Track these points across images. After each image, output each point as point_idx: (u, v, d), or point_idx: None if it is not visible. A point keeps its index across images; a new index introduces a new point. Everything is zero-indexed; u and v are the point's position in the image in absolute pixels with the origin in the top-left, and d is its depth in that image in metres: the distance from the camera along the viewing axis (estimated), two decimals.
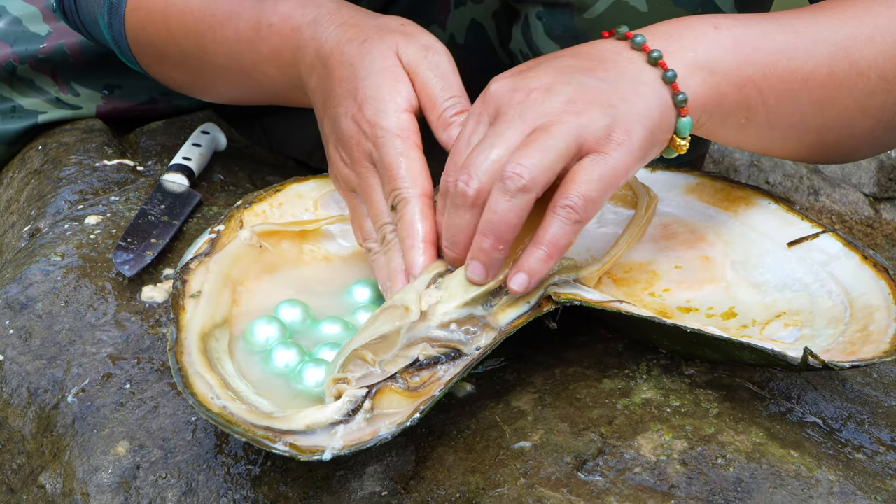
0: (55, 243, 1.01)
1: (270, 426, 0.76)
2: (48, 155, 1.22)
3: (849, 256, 0.90)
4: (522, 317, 0.83)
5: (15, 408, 0.89)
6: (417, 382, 0.79)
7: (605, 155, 0.81)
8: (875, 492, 0.77)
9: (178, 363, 0.80)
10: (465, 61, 1.33)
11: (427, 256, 0.87)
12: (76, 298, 0.95)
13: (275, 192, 1.00)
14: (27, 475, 0.88)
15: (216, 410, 0.76)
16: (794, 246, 0.93)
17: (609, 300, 0.84)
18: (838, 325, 0.86)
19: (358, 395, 0.78)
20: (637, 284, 0.93)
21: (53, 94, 1.31)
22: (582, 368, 0.87)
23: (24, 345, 0.92)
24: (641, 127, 0.83)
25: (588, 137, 0.81)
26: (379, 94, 0.93)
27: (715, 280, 0.93)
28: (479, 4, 1.26)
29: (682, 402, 0.83)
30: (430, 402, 0.78)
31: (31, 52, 1.29)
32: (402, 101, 0.93)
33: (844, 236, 0.92)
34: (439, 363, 0.81)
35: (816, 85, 0.91)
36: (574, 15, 1.09)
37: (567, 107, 0.82)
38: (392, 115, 0.93)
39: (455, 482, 0.79)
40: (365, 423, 0.77)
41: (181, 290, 0.87)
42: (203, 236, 0.93)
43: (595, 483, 0.77)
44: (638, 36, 0.87)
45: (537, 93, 0.83)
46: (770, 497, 0.76)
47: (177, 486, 0.81)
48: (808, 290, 0.90)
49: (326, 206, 1.00)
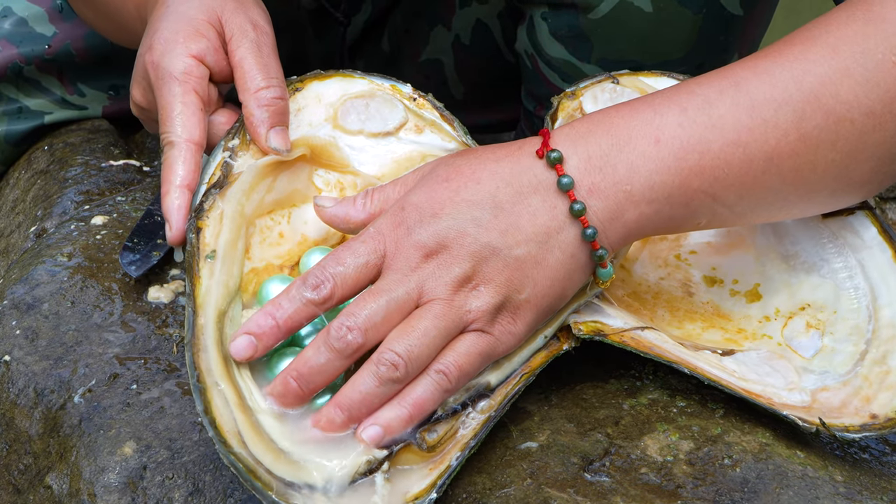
0: (61, 244, 1.01)
1: (287, 480, 0.74)
2: (54, 155, 1.23)
3: (882, 249, 0.88)
4: (539, 354, 0.82)
5: (21, 408, 0.89)
6: (434, 440, 0.77)
7: (489, 335, 0.79)
8: (881, 492, 0.77)
9: (195, 367, 0.77)
10: (471, 62, 1.33)
11: (182, 200, 0.88)
12: (82, 299, 0.95)
13: (294, 91, 0.95)
14: (34, 475, 0.88)
15: (236, 451, 0.74)
16: (828, 219, 0.90)
17: (631, 327, 0.83)
18: (859, 340, 0.85)
19: (378, 455, 0.76)
20: (663, 242, 0.91)
21: (59, 94, 1.31)
22: (588, 368, 0.87)
23: (30, 345, 0.92)
24: (532, 311, 0.80)
25: (474, 319, 0.78)
26: (174, 37, 0.93)
27: (744, 244, 0.91)
28: (485, 5, 1.26)
29: (688, 402, 0.83)
30: (446, 476, 0.76)
31: (37, 53, 1.29)
32: (195, 48, 0.92)
33: (880, 219, 0.89)
34: (457, 412, 0.79)
35: (786, 157, 0.82)
36: (579, 15, 1.09)
37: (461, 287, 0.78)
38: (178, 59, 0.92)
39: (461, 482, 0.79)
40: (385, 482, 0.75)
41: (196, 246, 0.83)
42: (216, 155, 0.90)
43: (601, 483, 0.77)
44: (565, 177, 0.79)
45: (434, 260, 0.78)
46: (777, 497, 0.75)
47: (184, 486, 0.81)
48: (835, 279, 0.88)
49: (346, 115, 0.96)
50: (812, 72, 0.82)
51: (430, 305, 0.77)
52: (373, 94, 0.97)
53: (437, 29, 1.31)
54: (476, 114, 1.41)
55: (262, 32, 0.95)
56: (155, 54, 0.92)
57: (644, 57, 1.09)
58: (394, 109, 0.96)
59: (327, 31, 1.38)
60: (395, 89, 0.97)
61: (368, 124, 0.95)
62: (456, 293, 0.78)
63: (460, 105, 1.39)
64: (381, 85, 0.98)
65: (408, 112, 0.97)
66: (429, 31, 1.32)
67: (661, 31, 1.06)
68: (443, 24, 1.31)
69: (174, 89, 0.91)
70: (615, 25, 1.07)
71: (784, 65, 0.82)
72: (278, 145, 0.90)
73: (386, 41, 1.38)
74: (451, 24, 1.30)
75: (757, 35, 1.16)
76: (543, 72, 1.16)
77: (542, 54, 1.14)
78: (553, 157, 0.80)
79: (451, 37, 1.31)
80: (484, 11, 1.27)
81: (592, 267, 0.81)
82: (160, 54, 0.92)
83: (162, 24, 0.94)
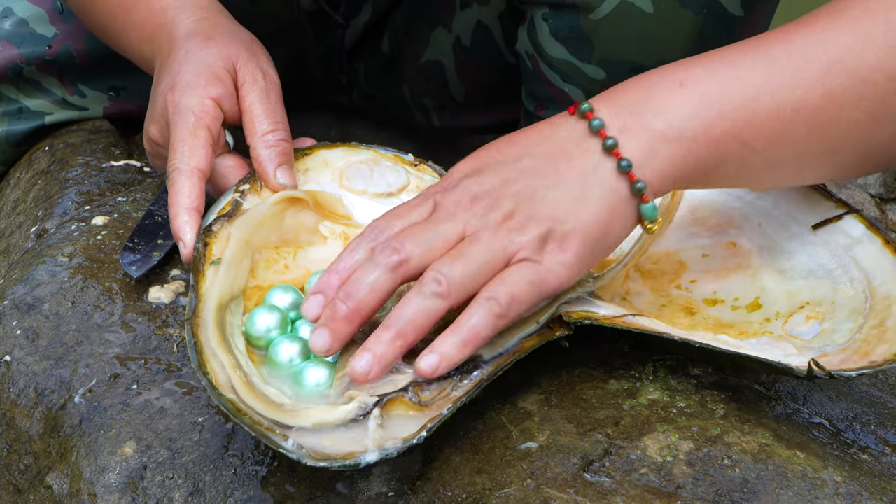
0: (62, 244, 1.01)
1: (278, 420, 0.76)
2: (55, 156, 1.23)
3: (871, 240, 0.90)
4: (531, 337, 0.83)
5: (22, 408, 0.90)
6: (428, 397, 0.79)
7: (537, 264, 0.80)
8: (881, 492, 0.77)
9: (194, 336, 0.80)
10: (471, 64, 1.33)
11: (193, 221, 0.92)
12: (83, 299, 0.95)
13: (302, 156, 1.01)
14: (34, 476, 0.88)
15: (228, 397, 0.77)
16: (819, 229, 0.93)
17: (622, 314, 0.84)
18: (858, 317, 0.86)
19: (368, 402, 0.78)
20: (664, 276, 0.93)
21: (60, 95, 1.31)
22: (588, 369, 0.87)
23: (31, 345, 0.92)
24: (580, 240, 0.81)
25: (520, 251, 0.80)
26: (196, 80, 0.99)
27: (742, 268, 0.93)
28: (485, 6, 1.26)
29: (688, 402, 0.83)
30: (437, 420, 0.77)
31: (38, 54, 1.29)
32: (214, 92, 0.99)
33: (868, 218, 0.92)
34: (450, 377, 0.80)
35: (812, 110, 0.85)
36: (580, 16, 1.09)
37: (504, 222, 0.81)
38: (196, 98, 0.98)
39: (462, 483, 0.79)
40: (378, 427, 0.77)
41: (202, 254, 0.87)
42: (227, 195, 0.95)
43: (601, 484, 0.77)
44: (595, 119, 0.83)
45: (480, 203, 0.82)
46: (776, 498, 0.76)
47: (184, 486, 0.81)
48: (832, 277, 0.90)
49: (352, 178, 1.01)
50: (836, 41, 0.85)
51: (475, 235, 0.81)
52: (377, 161, 1.03)
53: (438, 30, 1.31)
54: (476, 115, 1.41)
55: (270, 81, 1.02)
56: (176, 94, 0.99)
57: (644, 57, 1.09)
58: (397, 174, 1.03)
59: (327, 34, 1.38)
60: (397, 158, 1.04)
61: (373, 186, 1.01)
62: (499, 227, 0.81)
63: (461, 107, 1.39)
64: (384, 154, 1.04)
65: (409, 175, 1.02)
66: (429, 32, 1.32)
67: (661, 31, 1.07)
68: (443, 25, 1.31)
69: (189, 123, 0.97)
70: (616, 26, 1.08)
71: (808, 35, 0.86)
72: (286, 181, 0.97)
73: (386, 43, 1.38)
74: (452, 25, 1.30)
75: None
76: (544, 72, 1.16)
77: (542, 55, 1.15)
78: (583, 109, 0.84)
79: (451, 38, 1.31)
80: (484, 13, 1.27)
81: (636, 204, 0.84)
82: (181, 94, 0.98)
83: (184, 67, 1.00)
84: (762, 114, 0.84)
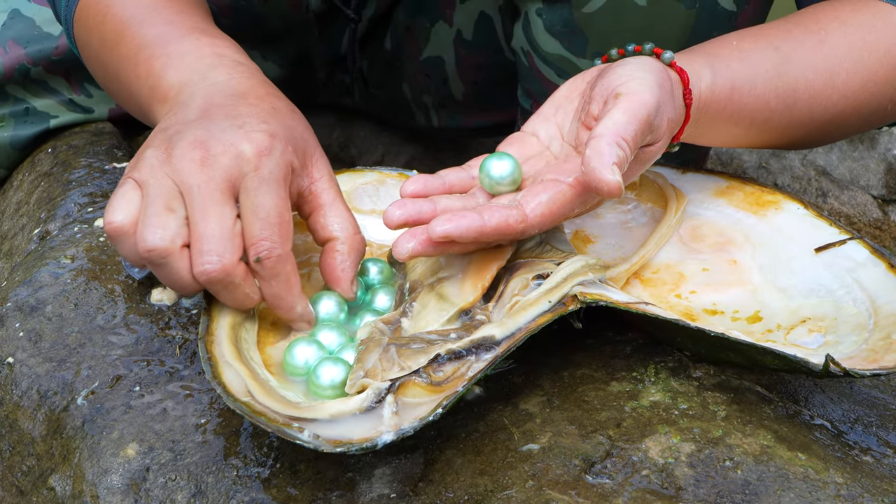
0: (65, 246, 1.01)
1: (294, 415, 0.77)
2: (58, 158, 1.23)
3: (875, 264, 0.91)
4: (545, 315, 0.83)
5: (25, 410, 0.90)
6: (441, 377, 0.80)
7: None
8: (882, 494, 0.77)
9: (207, 352, 0.82)
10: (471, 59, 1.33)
11: (307, 310, 0.87)
12: (86, 301, 0.95)
13: None
14: (37, 477, 0.88)
15: (243, 400, 0.78)
16: (821, 251, 0.94)
17: (635, 301, 0.85)
18: (862, 332, 0.87)
19: (381, 387, 0.79)
20: (664, 286, 0.94)
21: (66, 95, 1.31)
22: (590, 371, 0.87)
23: (33, 347, 0.92)
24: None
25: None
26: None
27: (742, 283, 0.94)
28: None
29: (689, 404, 0.83)
30: (453, 398, 0.78)
31: (45, 54, 1.30)
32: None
33: (871, 244, 0.93)
34: (462, 357, 0.81)
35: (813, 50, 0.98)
36: (573, 10, 1.10)
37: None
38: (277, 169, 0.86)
39: (463, 484, 0.79)
40: (393, 414, 0.78)
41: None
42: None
43: (603, 485, 0.77)
44: (666, 53, 0.91)
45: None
46: (778, 499, 0.76)
47: (186, 488, 0.82)
48: (834, 297, 0.91)
49: (360, 199, 1.02)
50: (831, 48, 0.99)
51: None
52: (382, 181, 1.04)
53: (439, 25, 1.32)
54: (475, 115, 1.41)
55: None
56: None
57: None
58: None
59: (332, 33, 1.38)
60: (401, 176, 1.05)
61: (380, 205, 1.02)
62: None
63: (460, 106, 1.39)
64: (388, 174, 1.05)
65: None
66: (430, 27, 1.32)
67: (654, 25, 1.07)
68: (444, 20, 1.31)
69: (281, 194, 0.86)
70: (609, 19, 1.08)
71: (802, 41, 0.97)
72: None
73: (388, 40, 1.38)
74: (453, 19, 1.30)
75: None
76: (539, 68, 1.16)
77: (537, 50, 1.15)
78: (648, 48, 0.92)
79: (452, 33, 1.31)
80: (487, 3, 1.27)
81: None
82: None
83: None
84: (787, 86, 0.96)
